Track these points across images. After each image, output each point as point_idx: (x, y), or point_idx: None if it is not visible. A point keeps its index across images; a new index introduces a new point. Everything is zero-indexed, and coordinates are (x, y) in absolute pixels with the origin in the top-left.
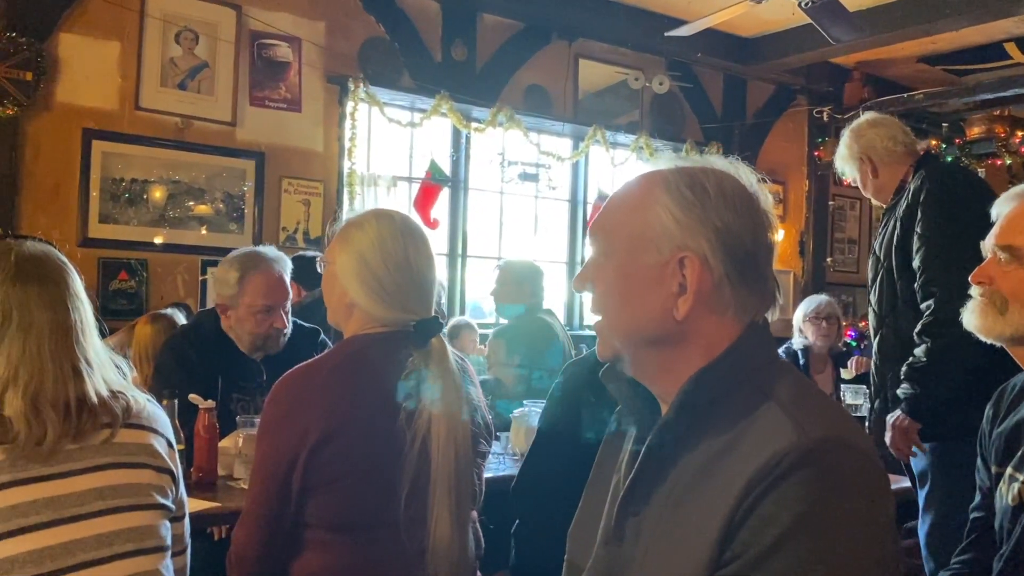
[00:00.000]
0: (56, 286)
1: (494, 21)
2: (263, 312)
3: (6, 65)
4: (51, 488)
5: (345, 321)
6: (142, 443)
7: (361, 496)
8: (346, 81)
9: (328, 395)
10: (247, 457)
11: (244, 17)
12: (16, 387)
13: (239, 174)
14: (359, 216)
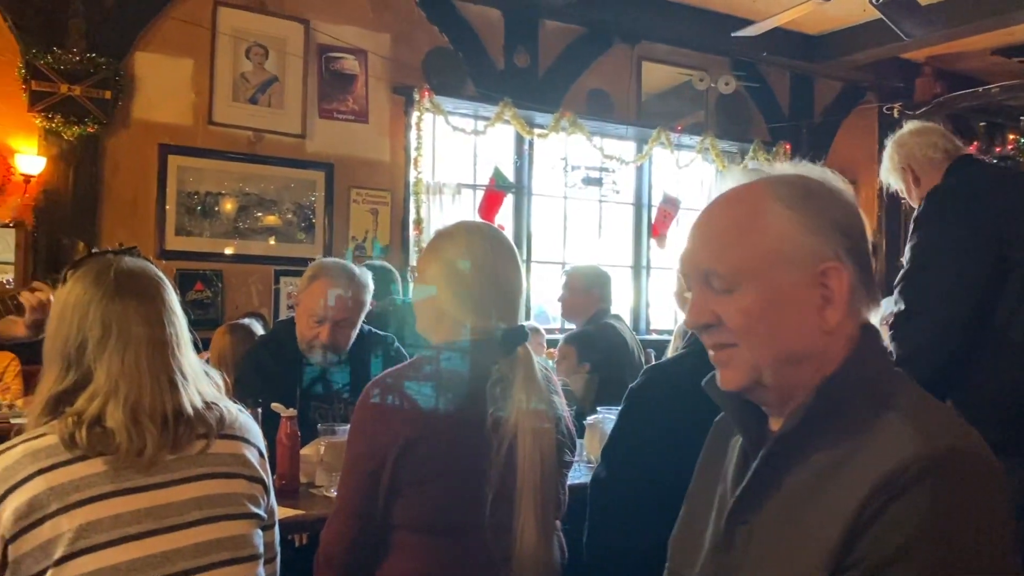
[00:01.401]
0: (153, 301)
1: (556, 27)
2: (314, 318)
3: (86, 85)
4: (151, 498)
5: (434, 329)
6: (235, 453)
7: (447, 500)
8: (411, 91)
9: (416, 400)
10: (329, 464)
11: (312, 31)
12: (117, 400)
13: (309, 185)
14: (449, 227)
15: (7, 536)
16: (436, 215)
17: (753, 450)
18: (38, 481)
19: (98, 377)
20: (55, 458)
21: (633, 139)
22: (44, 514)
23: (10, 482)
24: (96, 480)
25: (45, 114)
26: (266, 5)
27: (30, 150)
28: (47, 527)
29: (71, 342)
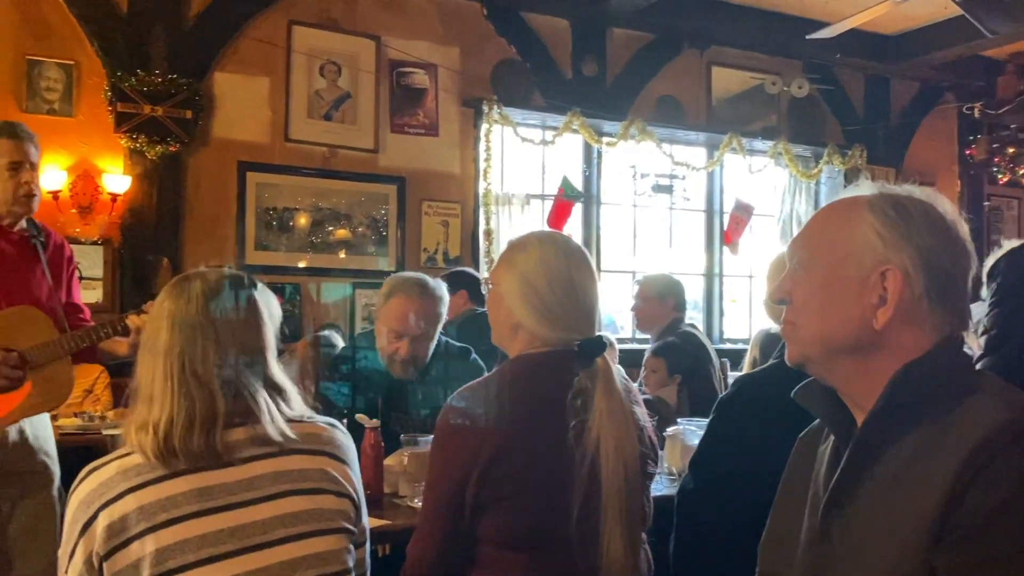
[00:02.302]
0: (240, 317)
1: (624, 34)
2: (393, 334)
3: (168, 105)
4: (236, 517)
5: (510, 341)
6: (320, 468)
7: (532, 514)
8: (480, 104)
9: (499, 413)
10: (412, 475)
11: (383, 47)
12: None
13: (381, 199)
14: (522, 238)
15: (101, 553)
16: (505, 226)
17: (844, 445)
18: (129, 500)
19: (179, 392)
20: (145, 476)
21: (704, 145)
22: (132, 534)
23: (104, 498)
24: (182, 500)
25: (130, 134)
26: (339, 23)
27: (116, 170)
28: (135, 547)
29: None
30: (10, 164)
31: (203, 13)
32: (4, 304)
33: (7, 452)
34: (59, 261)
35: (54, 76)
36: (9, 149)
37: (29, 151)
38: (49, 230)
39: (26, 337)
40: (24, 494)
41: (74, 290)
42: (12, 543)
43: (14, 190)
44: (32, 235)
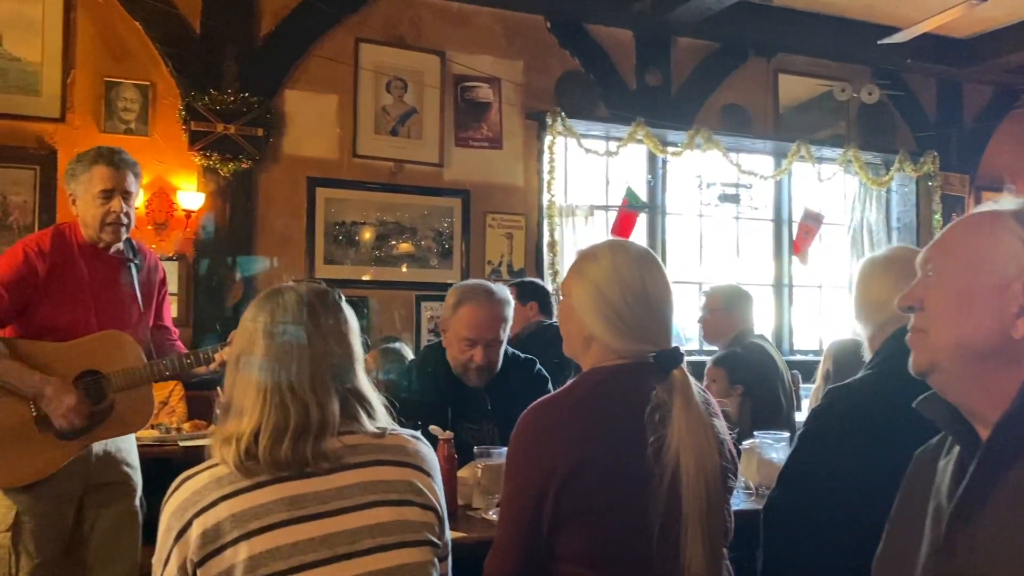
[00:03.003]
0: (327, 329)
1: (688, 44)
2: (466, 343)
3: (240, 123)
4: (325, 526)
5: (583, 353)
6: (407, 480)
7: (612, 530)
8: (544, 116)
9: (575, 428)
10: (486, 487)
11: (448, 62)
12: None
13: (446, 212)
14: (593, 247)
15: (195, 560)
16: (569, 238)
17: (970, 457)
18: (222, 508)
19: (268, 401)
20: (236, 485)
21: (771, 153)
22: (225, 541)
23: (198, 506)
24: (273, 508)
25: (203, 152)
26: (405, 39)
27: (190, 187)
28: (228, 554)
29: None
30: (103, 192)
31: (273, 33)
32: (95, 323)
33: (91, 463)
34: (151, 283)
35: (131, 97)
36: (103, 176)
37: (125, 179)
38: (146, 251)
39: (113, 361)
40: (107, 504)
41: (165, 311)
42: (94, 551)
43: (103, 217)
44: (128, 257)
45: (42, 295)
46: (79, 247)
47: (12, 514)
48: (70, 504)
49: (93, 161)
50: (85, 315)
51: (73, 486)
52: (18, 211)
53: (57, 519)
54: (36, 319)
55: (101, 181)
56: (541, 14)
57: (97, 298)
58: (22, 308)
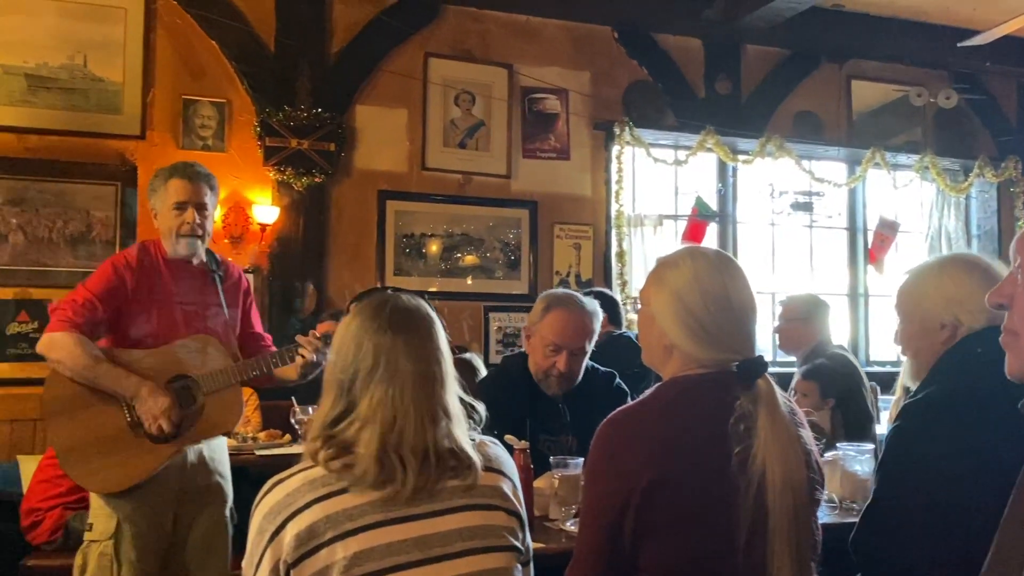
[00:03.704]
0: (423, 338)
1: (758, 51)
2: (551, 348)
3: (313, 138)
4: (417, 528)
5: (663, 363)
6: (494, 486)
7: (696, 543)
8: (611, 126)
9: (657, 438)
10: (563, 498)
11: (515, 75)
12: (374, 430)
13: (514, 223)
14: (672, 255)
15: (289, 561)
16: (638, 248)
17: None
18: (315, 509)
19: (361, 406)
20: (329, 487)
21: (845, 161)
22: (320, 541)
23: (291, 509)
24: (367, 509)
25: (278, 167)
26: (472, 53)
27: (265, 201)
28: (323, 554)
29: (345, 371)
30: (177, 203)
31: (344, 50)
32: (183, 333)
33: (186, 471)
34: (235, 293)
35: (208, 114)
36: (178, 189)
37: (199, 192)
38: (229, 264)
39: (201, 365)
40: (200, 512)
41: (254, 319)
42: (189, 559)
43: (177, 228)
44: (211, 268)
45: (132, 307)
46: (164, 261)
47: (113, 522)
48: (167, 511)
49: (169, 175)
50: (173, 325)
51: (169, 493)
52: (100, 226)
53: (156, 526)
54: (128, 330)
55: (176, 193)
56: (609, 25)
57: (183, 308)
58: (115, 319)
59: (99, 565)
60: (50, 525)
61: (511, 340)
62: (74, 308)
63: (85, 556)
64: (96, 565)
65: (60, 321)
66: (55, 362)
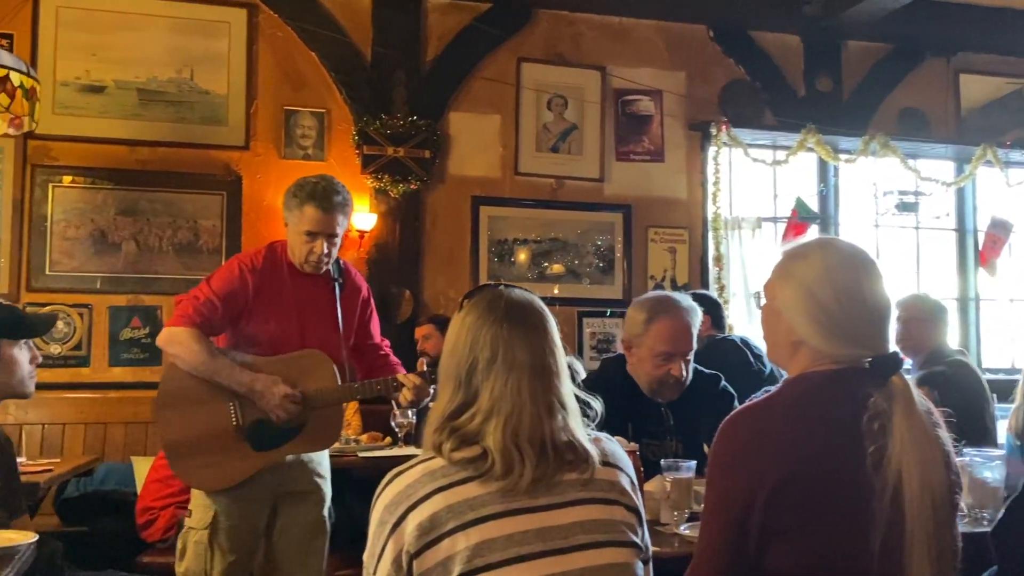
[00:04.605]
0: (538, 331)
1: (860, 47)
2: (662, 357)
3: (409, 146)
4: (538, 519)
5: (789, 359)
6: (612, 480)
7: (826, 546)
8: (707, 126)
9: (785, 436)
10: (675, 502)
11: (608, 77)
12: (497, 421)
13: (607, 227)
14: (799, 246)
15: (411, 551)
16: (736, 251)
17: None
18: (437, 499)
19: (482, 398)
20: (450, 478)
21: (953, 159)
22: (443, 532)
23: (412, 499)
24: (488, 500)
25: (375, 175)
26: (565, 57)
27: (363, 208)
28: (445, 544)
29: (462, 364)
30: (308, 232)
31: (439, 57)
32: (297, 342)
33: (284, 472)
34: (353, 304)
35: (308, 124)
36: (311, 219)
37: (332, 223)
38: (352, 271)
39: (311, 380)
40: (298, 511)
41: (373, 328)
42: (285, 556)
43: (306, 255)
44: (333, 277)
45: (251, 308)
46: (288, 266)
47: (211, 514)
48: (263, 508)
49: (307, 199)
50: (289, 330)
51: (266, 492)
52: (207, 234)
53: (250, 521)
54: (246, 330)
55: (308, 223)
56: (704, 24)
57: (301, 314)
58: (234, 319)
59: (195, 552)
60: (163, 523)
61: (605, 346)
62: (195, 305)
63: (184, 542)
64: (193, 552)
65: (180, 316)
66: (173, 356)
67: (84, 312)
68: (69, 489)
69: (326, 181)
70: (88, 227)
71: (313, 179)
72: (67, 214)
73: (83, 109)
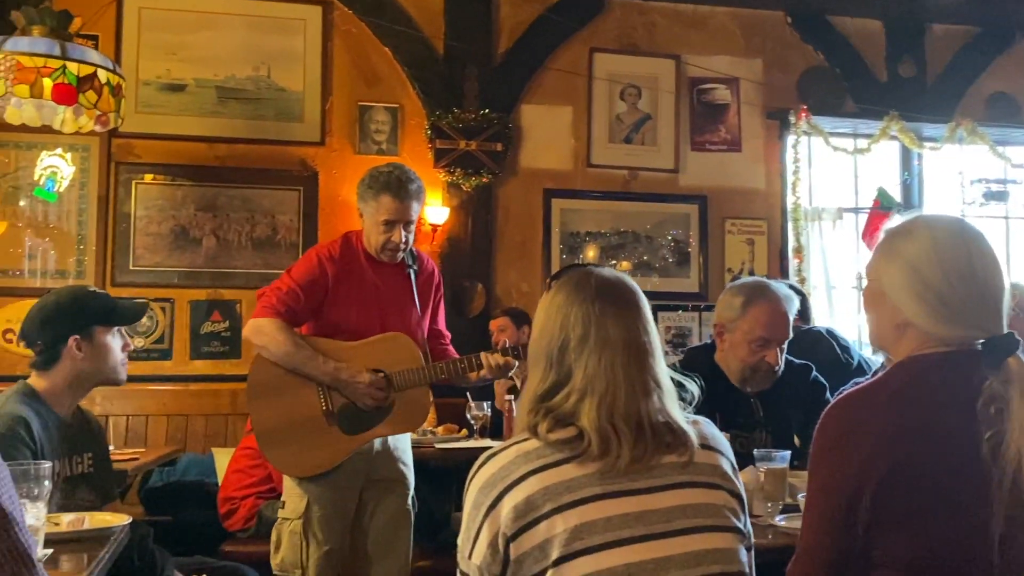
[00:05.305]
0: (630, 309)
1: (945, 30)
2: (758, 343)
3: (481, 139)
4: (638, 503)
5: (895, 342)
6: (712, 464)
7: (941, 537)
8: (786, 115)
9: (894, 422)
10: (769, 493)
11: (683, 66)
12: (592, 400)
13: (682, 219)
14: (904, 224)
15: (508, 534)
16: (816, 242)
17: None
18: (532, 481)
19: (575, 377)
20: (545, 459)
21: None
22: (539, 514)
23: (507, 481)
24: (585, 482)
25: (447, 169)
26: (638, 46)
27: (436, 202)
28: (543, 527)
29: (553, 343)
30: (386, 222)
31: (511, 50)
32: (378, 327)
33: (372, 459)
34: (428, 289)
35: (382, 119)
36: (388, 208)
37: (408, 211)
38: (424, 258)
39: (395, 362)
40: (384, 499)
41: (440, 316)
42: (372, 545)
43: (383, 244)
44: (407, 264)
45: (332, 297)
46: (364, 254)
47: (304, 503)
48: (352, 496)
49: (383, 189)
50: (370, 316)
51: (355, 479)
52: (284, 229)
53: (342, 509)
54: (328, 319)
55: (386, 212)
56: (781, 10)
57: (380, 301)
58: (316, 308)
59: (291, 542)
60: (244, 513)
61: (680, 341)
62: (278, 296)
63: (279, 533)
64: (288, 542)
65: (265, 308)
66: (259, 347)
67: (166, 306)
68: (153, 479)
69: (399, 170)
70: (169, 223)
71: (386, 168)
72: (149, 210)
73: (164, 107)
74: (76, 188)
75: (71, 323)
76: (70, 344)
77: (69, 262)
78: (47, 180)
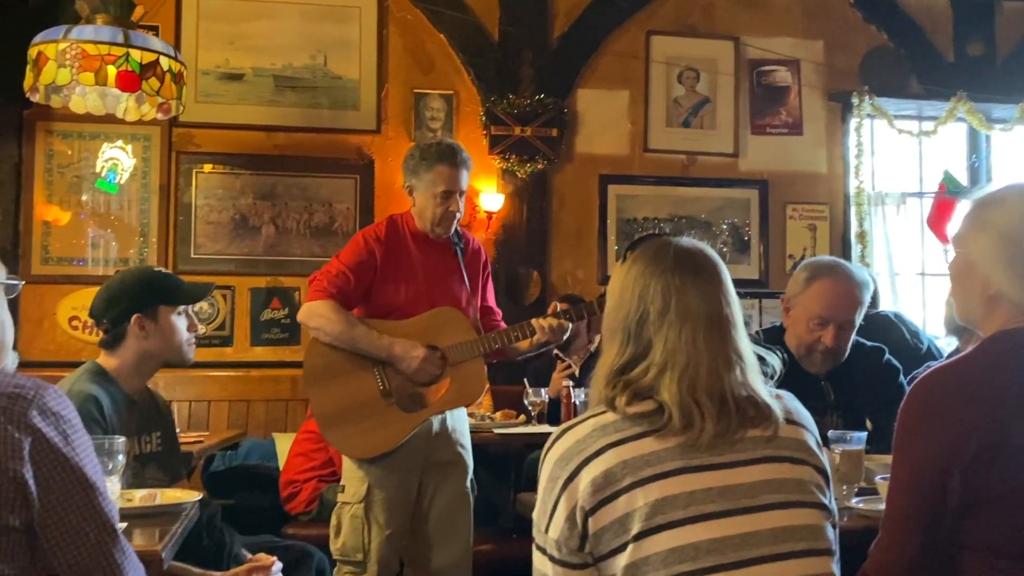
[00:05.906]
0: (712, 279)
1: (1016, 8)
2: (816, 321)
3: (536, 125)
4: (721, 477)
5: (985, 316)
6: (797, 439)
7: None
8: (848, 97)
9: (987, 399)
10: (845, 475)
11: (742, 47)
12: (672, 373)
13: (742, 204)
14: (995, 192)
15: (587, 508)
16: (879, 228)
17: None
18: (610, 454)
19: (655, 350)
20: (623, 432)
21: None
22: (619, 488)
23: (585, 454)
24: (665, 456)
25: (502, 155)
26: (696, 28)
27: (491, 189)
28: (622, 501)
29: (631, 315)
30: (444, 192)
31: (566, 34)
32: (427, 306)
33: (430, 441)
34: (476, 266)
35: (437, 106)
36: (446, 177)
37: (462, 179)
38: (468, 236)
39: (447, 336)
40: (443, 482)
41: (488, 294)
42: (433, 528)
43: (442, 215)
44: (454, 242)
45: (381, 278)
46: (411, 234)
47: (365, 487)
48: (413, 479)
49: (437, 159)
50: (419, 294)
51: (416, 461)
52: (342, 217)
53: (403, 492)
54: (379, 300)
55: (444, 182)
56: None
57: (429, 280)
58: (366, 290)
59: (352, 526)
60: (306, 496)
61: None
62: (329, 279)
63: (339, 517)
64: (349, 526)
65: (316, 291)
66: (315, 329)
67: (227, 294)
68: (216, 463)
69: (446, 141)
70: (229, 211)
71: (433, 141)
72: (209, 199)
73: (222, 97)
74: (138, 178)
75: (135, 301)
76: (133, 322)
77: (131, 251)
78: (108, 172)
